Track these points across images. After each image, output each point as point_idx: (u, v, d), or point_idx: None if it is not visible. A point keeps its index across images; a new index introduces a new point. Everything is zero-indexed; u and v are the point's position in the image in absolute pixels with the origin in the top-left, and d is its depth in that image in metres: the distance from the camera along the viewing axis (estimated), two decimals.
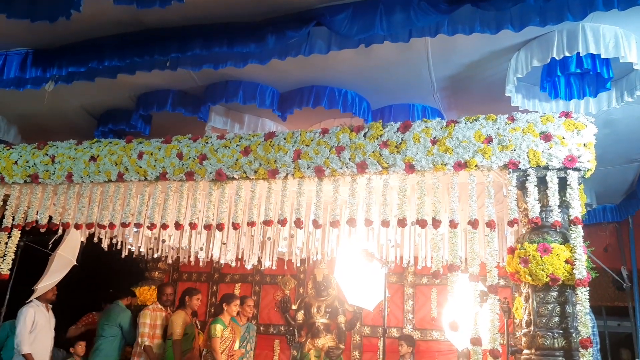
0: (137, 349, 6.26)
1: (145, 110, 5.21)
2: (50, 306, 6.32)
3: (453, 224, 4.07)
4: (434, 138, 4.20)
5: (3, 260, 5.19)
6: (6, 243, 5.23)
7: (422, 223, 4.18)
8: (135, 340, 6.28)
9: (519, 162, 4.01)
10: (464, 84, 4.94)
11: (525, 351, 3.89)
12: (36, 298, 6.16)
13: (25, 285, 6.15)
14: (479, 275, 4.03)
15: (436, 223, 4.13)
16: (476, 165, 4.09)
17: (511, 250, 4.03)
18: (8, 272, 5.23)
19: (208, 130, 5.22)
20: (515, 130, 4.06)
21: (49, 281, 6.15)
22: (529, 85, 4.74)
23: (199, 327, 7.08)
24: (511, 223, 3.95)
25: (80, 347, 7.01)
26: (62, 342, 7.08)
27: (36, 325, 6.04)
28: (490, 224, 3.98)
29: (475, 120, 4.20)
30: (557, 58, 4.17)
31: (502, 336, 4.53)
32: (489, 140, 4.08)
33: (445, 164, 4.15)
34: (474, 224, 4.03)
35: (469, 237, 4.14)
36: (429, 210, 4.22)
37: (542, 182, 4.00)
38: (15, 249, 5.25)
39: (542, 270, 3.73)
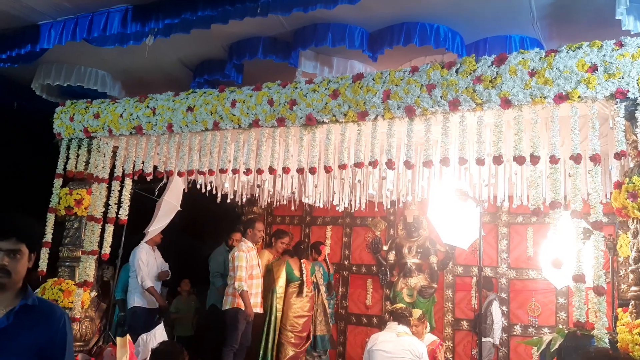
0: (229, 289, 6.21)
1: (238, 59, 5.33)
2: (155, 247, 6.86)
3: (554, 160, 3.92)
4: (532, 70, 3.99)
5: (119, 207, 5.67)
6: (119, 191, 5.69)
7: (519, 160, 4.05)
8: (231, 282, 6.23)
9: (628, 91, 3.74)
10: (566, 11, 4.59)
11: (633, 288, 3.75)
12: (144, 241, 6.71)
13: (137, 229, 6.69)
14: (581, 212, 3.89)
15: (534, 159, 3.99)
16: (579, 97, 3.87)
17: (618, 185, 3.83)
18: (126, 218, 5.71)
19: (299, 75, 5.27)
20: (623, 57, 3.77)
21: (157, 225, 6.65)
22: None
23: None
24: (618, 156, 3.74)
25: (185, 284, 7.60)
26: (167, 281, 7.72)
27: (147, 265, 6.62)
28: (594, 158, 3.79)
29: (578, 48, 3.93)
30: None
31: (607, 274, 4.39)
32: (593, 69, 3.83)
33: (544, 97, 3.95)
34: (576, 158, 3.85)
35: (571, 173, 3.97)
36: (526, 146, 4.08)
37: None
38: (128, 196, 5.71)
39: None
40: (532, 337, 6.48)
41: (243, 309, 6.07)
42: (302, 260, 6.89)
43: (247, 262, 6.17)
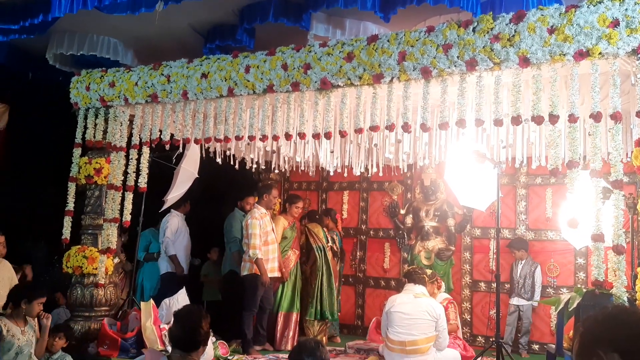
0: (246, 256, 6.16)
1: (249, 24, 5.27)
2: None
3: (573, 119, 3.85)
4: (552, 27, 3.89)
5: (138, 175, 5.73)
6: (137, 159, 5.75)
7: (538, 119, 3.99)
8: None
9: None
10: None
11: None
12: (175, 210, 6.81)
13: (156, 196, 6.76)
14: (601, 171, 3.84)
15: (553, 119, 3.92)
16: (600, 53, 3.76)
17: (639, 143, 3.76)
18: (145, 186, 5.78)
19: (310, 39, 5.20)
20: None
21: (176, 192, 6.73)
22: None
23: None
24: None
25: (214, 252, 7.70)
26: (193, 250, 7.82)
27: (180, 233, 6.75)
28: (615, 116, 3.71)
29: (599, 3, 3.81)
30: None
31: (627, 233, 4.35)
32: (615, 24, 3.71)
33: (564, 54, 3.86)
34: (596, 117, 3.78)
35: (590, 132, 3.90)
36: (545, 106, 4.01)
37: None
38: (147, 164, 5.76)
39: None
40: (550, 297, 6.49)
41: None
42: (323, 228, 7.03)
43: (261, 229, 6.12)
